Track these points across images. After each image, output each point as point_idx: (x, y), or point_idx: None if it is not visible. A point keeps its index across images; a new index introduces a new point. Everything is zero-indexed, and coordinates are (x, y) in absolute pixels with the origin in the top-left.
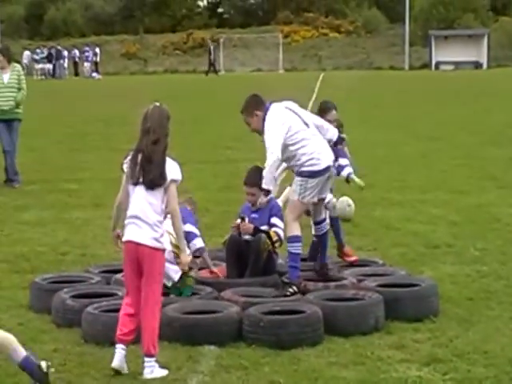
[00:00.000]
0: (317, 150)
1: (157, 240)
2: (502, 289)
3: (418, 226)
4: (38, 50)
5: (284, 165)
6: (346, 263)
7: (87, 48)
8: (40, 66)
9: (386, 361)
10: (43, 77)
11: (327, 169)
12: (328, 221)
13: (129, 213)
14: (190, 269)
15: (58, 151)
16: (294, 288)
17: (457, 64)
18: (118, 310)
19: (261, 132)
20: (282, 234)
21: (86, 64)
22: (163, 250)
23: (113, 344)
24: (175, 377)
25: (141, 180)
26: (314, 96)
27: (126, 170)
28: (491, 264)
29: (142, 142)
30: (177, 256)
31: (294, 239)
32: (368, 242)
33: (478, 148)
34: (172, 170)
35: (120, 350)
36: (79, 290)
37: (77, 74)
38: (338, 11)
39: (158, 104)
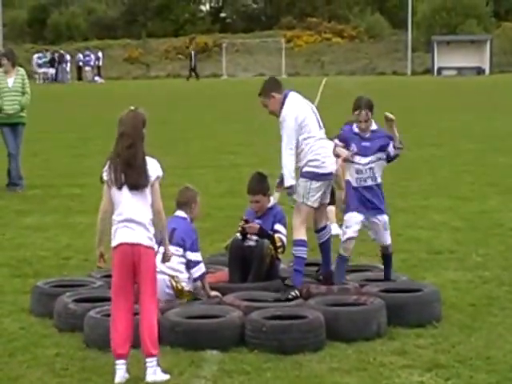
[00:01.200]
0: (323, 152)
1: (150, 239)
2: (505, 295)
3: (421, 231)
4: (40, 54)
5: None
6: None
7: (88, 52)
8: (43, 70)
9: (388, 367)
10: (46, 81)
11: (330, 174)
12: (330, 228)
13: (118, 218)
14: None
15: (61, 156)
16: (296, 292)
17: (459, 70)
18: None
19: (278, 115)
20: (285, 240)
21: (87, 68)
22: (154, 250)
23: None
24: (177, 382)
25: (124, 182)
26: (317, 101)
27: (106, 178)
28: (493, 270)
29: (117, 147)
30: (178, 294)
31: (299, 243)
32: (370, 247)
33: (480, 154)
34: (152, 167)
35: (121, 366)
36: (81, 294)
37: (80, 79)
38: (340, 16)
39: (132, 108)
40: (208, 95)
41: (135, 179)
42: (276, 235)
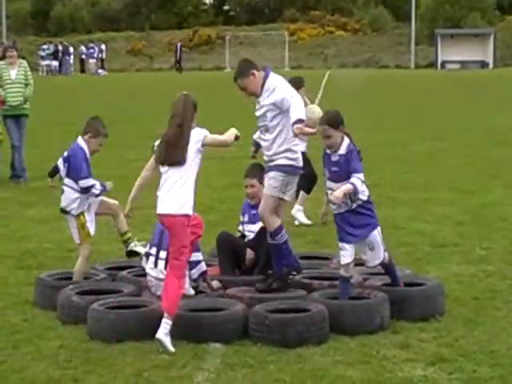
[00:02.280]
0: (296, 145)
1: (181, 208)
2: (508, 288)
3: (424, 225)
4: (44, 46)
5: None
6: None
7: (92, 45)
8: (46, 62)
9: (391, 360)
10: (49, 73)
11: (301, 169)
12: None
13: (158, 191)
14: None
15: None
16: (294, 272)
17: (463, 63)
18: (123, 307)
19: (258, 94)
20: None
21: (91, 61)
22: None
23: (118, 341)
24: (180, 374)
25: (164, 159)
26: (321, 93)
27: (155, 150)
28: (497, 264)
29: (169, 127)
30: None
31: (277, 231)
32: None
33: (483, 148)
34: (197, 135)
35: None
36: (85, 286)
37: (83, 71)
38: (344, 9)
39: (184, 93)
40: (209, 87)
41: (176, 157)
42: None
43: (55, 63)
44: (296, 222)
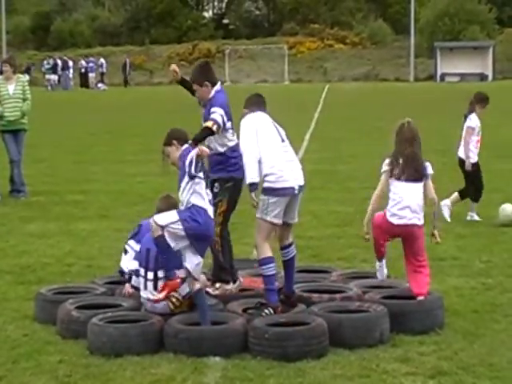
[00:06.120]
0: (280, 166)
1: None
2: (508, 302)
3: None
4: (45, 61)
5: None
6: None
7: (92, 59)
8: (46, 76)
9: (391, 374)
10: (49, 88)
11: (289, 189)
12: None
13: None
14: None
15: (65, 163)
16: (270, 310)
17: (462, 76)
18: (123, 321)
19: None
20: (217, 117)
21: (90, 75)
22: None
23: (118, 355)
24: None
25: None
26: (320, 107)
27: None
28: (497, 277)
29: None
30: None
31: (266, 261)
32: (373, 254)
33: (483, 161)
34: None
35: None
36: (84, 300)
37: (83, 86)
38: (343, 23)
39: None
40: None
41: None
42: (210, 118)
43: (54, 77)
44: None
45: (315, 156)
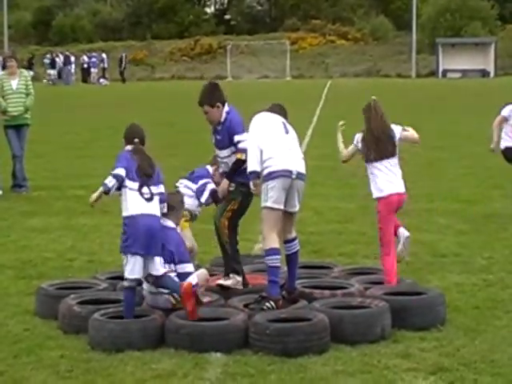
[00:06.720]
0: (280, 153)
1: None
2: (509, 298)
3: (425, 235)
4: (47, 56)
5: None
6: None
7: (94, 54)
8: (47, 71)
9: (392, 369)
10: (50, 82)
11: (286, 172)
12: (297, 241)
13: None
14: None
15: (66, 158)
16: (272, 303)
17: (464, 72)
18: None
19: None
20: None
21: (92, 70)
22: None
23: (119, 350)
24: None
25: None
26: (322, 103)
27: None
28: (498, 273)
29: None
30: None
31: (271, 252)
32: (374, 250)
33: (485, 157)
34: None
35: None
36: (86, 296)
37: (85, 81)
38: (345, 19)
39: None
40: None
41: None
42: (239, 148)
43: (53, 72)
44: None
45: (317, 152)
